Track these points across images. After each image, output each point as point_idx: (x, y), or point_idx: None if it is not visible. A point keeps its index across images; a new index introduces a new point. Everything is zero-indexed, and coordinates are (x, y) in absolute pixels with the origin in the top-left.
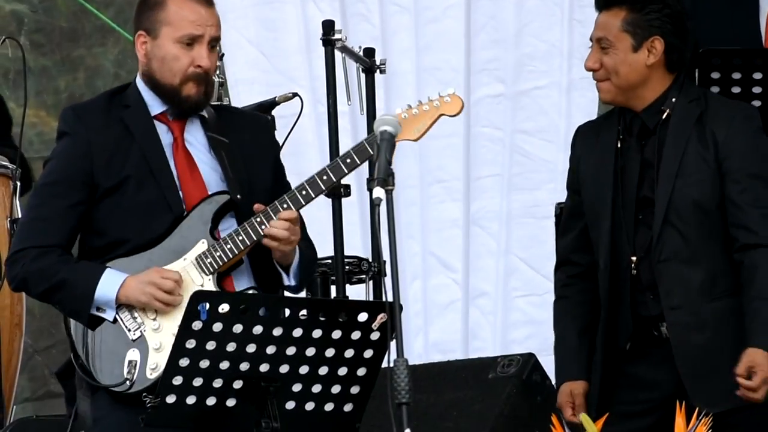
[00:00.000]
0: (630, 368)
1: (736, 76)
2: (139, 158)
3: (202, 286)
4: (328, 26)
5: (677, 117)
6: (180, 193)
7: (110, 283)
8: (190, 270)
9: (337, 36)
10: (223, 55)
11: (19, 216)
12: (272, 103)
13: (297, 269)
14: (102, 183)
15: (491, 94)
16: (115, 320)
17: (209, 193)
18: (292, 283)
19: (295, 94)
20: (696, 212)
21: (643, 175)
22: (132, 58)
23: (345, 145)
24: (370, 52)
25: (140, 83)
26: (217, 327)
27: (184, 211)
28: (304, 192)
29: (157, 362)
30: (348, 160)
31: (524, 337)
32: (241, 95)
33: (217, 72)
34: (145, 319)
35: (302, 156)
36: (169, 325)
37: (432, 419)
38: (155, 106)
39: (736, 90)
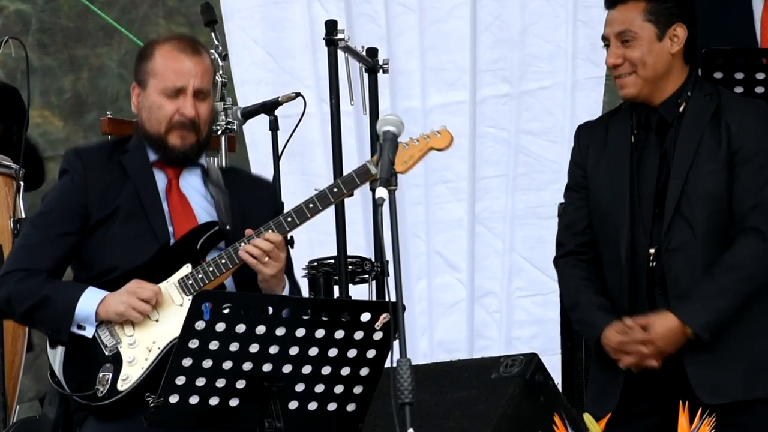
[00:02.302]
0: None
1: (739, 75)
2: (132, 193)
3: (181, 305)
4: (331, 26)
5: (693, 110)
6: (170, 227)
7: (90, 299)
8: (171, 290)
9: (339, 36)
10: (226, 55)
11: (23, 216)
12: (275, 103)
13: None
14: (94, 215)
15: (496, 95)
16: (93, 338)
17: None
18: None
19: (298, 94)
20: (707, 204)
21: (662, 168)
22: None
23: (349, 145)
24: (372, 51)
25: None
26: (220, 327)
27: (170, 241)
28: (289, 219)
29: (128, 374)
30: (335, 190)
31: (529, 336)
32: (248, 95)
33: (220, 72)
34: (122, 336)
35: (308, 155)
36: (145, 340)
37: (435, 419)
38: (152, 153)
39: (738, 90)
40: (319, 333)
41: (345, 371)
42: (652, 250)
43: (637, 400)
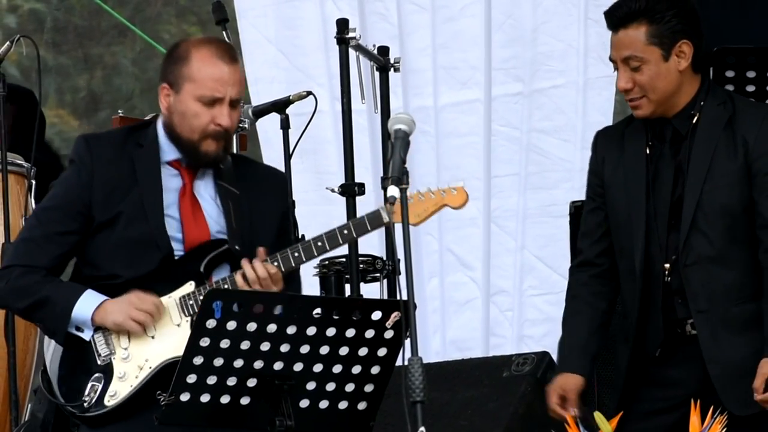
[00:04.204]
0: (654, 366)
1: (751, 74)
2: (136, 199)
3: (178, 325)
4: (343, 24)
5: (706, 120)
6: (179, 234)
7: (88, 303)
8: (171, 308)
9: (351, 34)
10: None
11: None
12: (286, 102)
13: None
14: (97, 216)
15: (509, 93)
16: (88, 342)
17: (210, 237)
18: None
19: (309, 93)
20: (724, 216)
21: (677, 181)
22: (150, 60)
23: (361, 143)
24: (384, 50)
25: (160, 128)
26: (231, 325)
27: (172, 251)
28: (296, 254)
29: (116, 390)
30: (345, 232)
31: (541, 334)
32: (261, 93)
33: None
34: (116, 347)
35: (321, 153)
36: (138, 357)
37: (446, 417)
38: (169, 152)
39: (750, 89)
40: (330, 331)
41: (356, 370)
42: (667, 265)
43: (658, 397)
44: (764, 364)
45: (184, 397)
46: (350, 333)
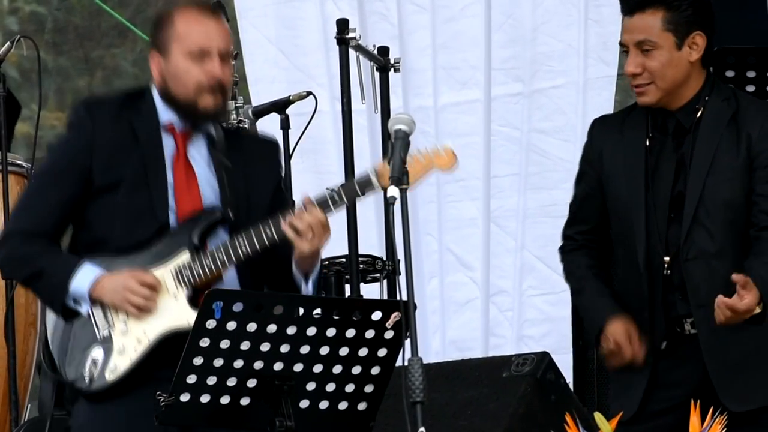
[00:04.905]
0: (659, 362)
1: (751, 74)
2: (138, 164)
3: (175, 297)
4: (342, 25)
5: (710, 115)
6: (172, 202)
7: (85, 277)
8: (167, 278)
9: (351, 35)
10: (237, 54)
11: None
12: (286, 102)
13: (316, 278)
14: (97, 180)
15: (509, 93)
16: (88, 315)
17: (203, 206)
18: (310, 291)
19: (309, 93)
20: (725, 211)
21: (678, 174)
22: None
23: (362, 143)
24: (384, 50)
25: (155, 92)
26: (231, 325)
27: (169, 220)
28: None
29: (117, 365)
30: (336, 197)
31: (541, 335)
32: (261, 93)
33: (232, 72)
34: (115, 320)
35: (321, 153)
36: (137, 330)
37: (446, 418)
38: (165, 115)
39: (750, 89)
40: (330, 332)
41: (356, 370)
42: (667, 258)
43: (658, 398)
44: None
45: (184, 397)
46: (350, 333)
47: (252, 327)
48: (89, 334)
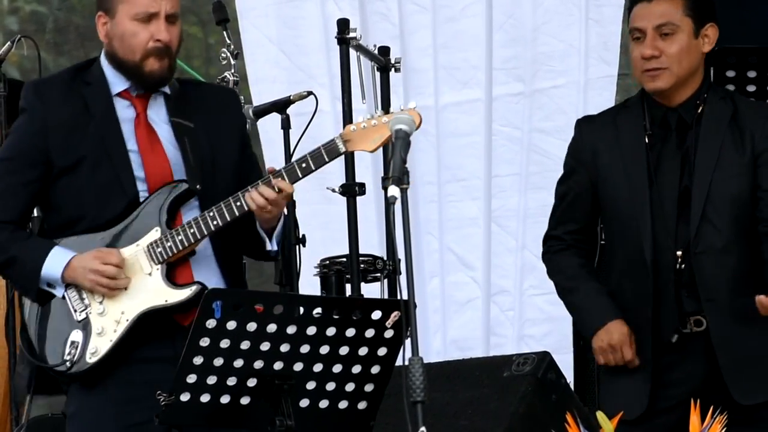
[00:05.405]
0: (667, 357)
1: (752, 74)
2: (96, 138)
3: (150, 274)
4: (343, 25)
5: (711, 112)
6: (140, 171)
7: (56, 261)
8: (140, 256)
9: (351, 34)
10: (238, 53)
11: (34, 214)
12: (287, 102)
13: (279, 234)
14: (57, 162)
15: (510, 93)
16: (63, 297)
17: (171, 167)
18: (274, 248)
19: (309, 93)
20: (732, 206)
21: (683, 170)
22: None
23: None
24: (384, 50)
25: (104, 61)
26: (231, 325)
27: (138, 193)
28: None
29: (97, 347)
30: (303, 165)
31: (542, 334)
32: (262, 93)
33: (232, 71)
34: (92, 302)
35: None
36: (114, 311)
37: (447, 417)
38: (118, 83)
39: (751, 88)
40: (330, 331)
41: (356, 369)
42: (679, 252)
43: (663, 395)
44: None
45: (184, 397)
46: (350, 332)
47: (252, 326)
48: (66, 318)
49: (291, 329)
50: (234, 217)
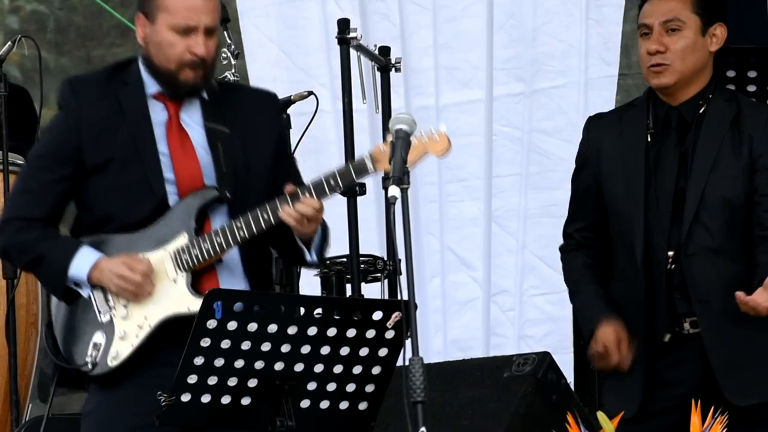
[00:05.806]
0: (659, 359)
1: (752, 74)
2: (128, 139)
3: (175, 281)
4: (344, 25)
5: (713, 113)
6: (169, 173)
7: (83, 262)
8: (166, 262)
9: (352, 34)
10: (239, 53)
11: None
12: (288, 102)
13: (318, 245)
14: (88, 159)
15: (511, 93)
16: (89, 297)
17: (202, 170)
18: (314, 259)
19: (310, 93)
20: (724, 209)
21: (681, 169)
22: None
23: (363, 143)
24: (385, 50)
25: (141, 62)
26: (232, 325)
27: (166, 194)
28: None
29: (118, 351)
30: (332, 182)
31: (542, 334)
32: None
33: (233, 71)
34: (116, 304)
35: (323, 153)
36: (138, 315)
37: (447, 418)
38: (152, 85)
39: (751, 89)
40: (331, 331)
41: (357, 370)
42: (671, 253)
43: (658, 397)
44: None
45: (185, 397)
46: (351, 333)
47: (253, 327)
48: (91, 318)
49: (292, 330)
50: (261, 230)
